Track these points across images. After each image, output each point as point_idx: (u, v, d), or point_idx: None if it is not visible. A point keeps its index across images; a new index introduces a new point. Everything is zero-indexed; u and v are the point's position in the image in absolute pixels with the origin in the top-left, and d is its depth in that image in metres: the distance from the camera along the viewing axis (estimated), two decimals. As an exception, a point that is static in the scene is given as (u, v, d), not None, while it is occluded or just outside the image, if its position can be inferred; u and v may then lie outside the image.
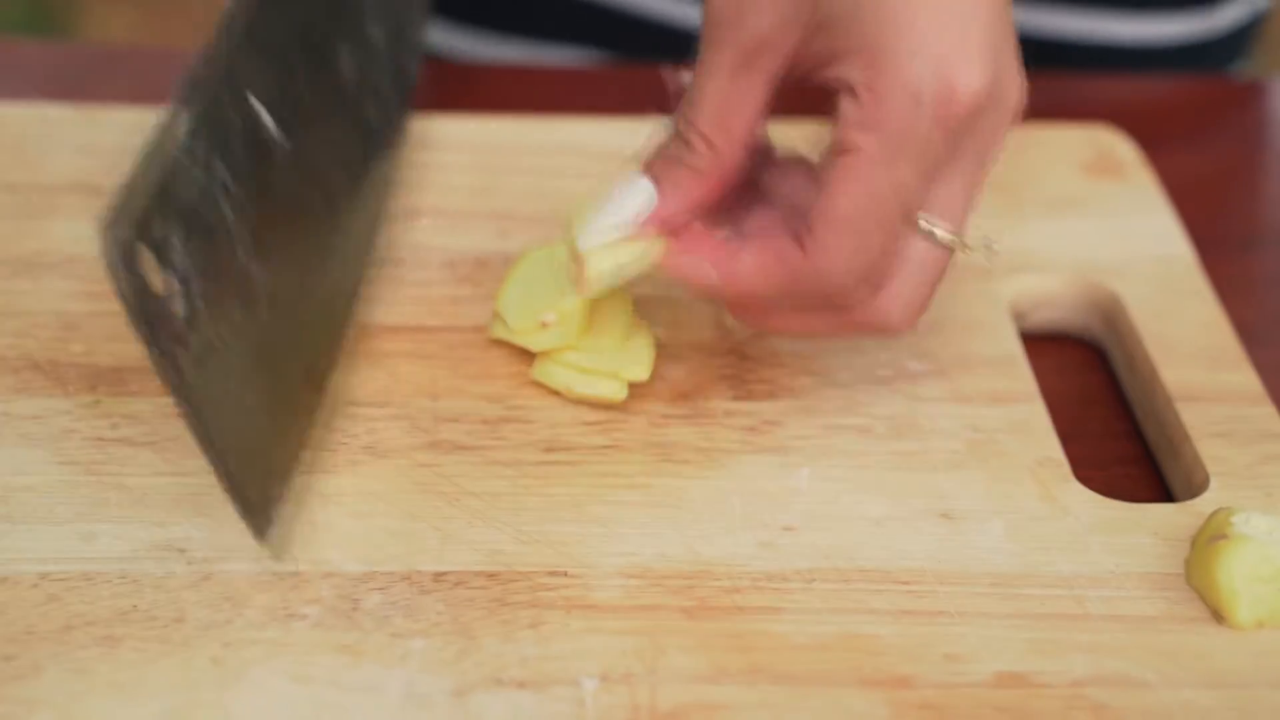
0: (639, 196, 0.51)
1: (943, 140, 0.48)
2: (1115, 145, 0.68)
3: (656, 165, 0.52)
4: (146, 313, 0.42)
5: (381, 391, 0.54)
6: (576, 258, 0.52)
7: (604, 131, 0.66)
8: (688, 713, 0.45)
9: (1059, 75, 0.77)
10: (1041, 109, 0.73)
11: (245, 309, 0.47)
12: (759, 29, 0.49)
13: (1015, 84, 0.50)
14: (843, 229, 0.48)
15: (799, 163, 0.53)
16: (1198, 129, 0.75)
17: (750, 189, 0.53)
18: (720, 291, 0.51)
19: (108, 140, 0.65)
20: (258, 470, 0.47)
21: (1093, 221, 0.64)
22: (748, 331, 0.56)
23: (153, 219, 0.43)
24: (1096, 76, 0.77)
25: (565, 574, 0.49)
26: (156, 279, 0.42)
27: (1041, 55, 0.79)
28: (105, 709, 0.44)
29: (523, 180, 0.64)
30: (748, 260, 0.50)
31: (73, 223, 0.61)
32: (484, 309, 0.58)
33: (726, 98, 0.50)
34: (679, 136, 0.51)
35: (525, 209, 0.63)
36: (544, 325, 0.54)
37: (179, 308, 0.43)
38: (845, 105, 0.48)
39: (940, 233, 0.50)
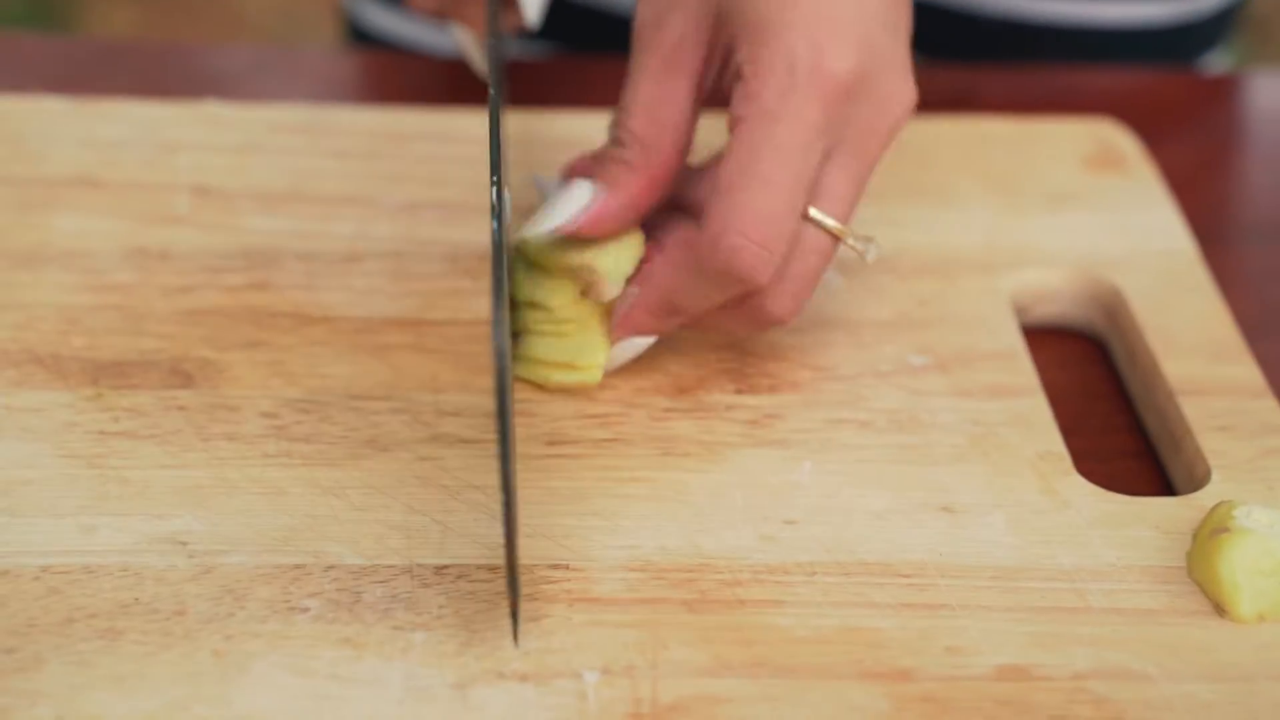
0: (580, 198, 0.53)
1: (819, 114, 0.51)
2: (1117, 139, 0.68)
3: (593, 166, 0.54)
4: (505, 401, 0.43)
5: (383, 385, 0.54)
6: (586, 269, 0.53)
7: (600, 124, 0.66)
8: (689, 705, 0.45)
9: (1053, 67, 0.77)
10: (1034, 101, 0.73)
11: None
12: (674, 29, 0.53)
13: (898, 84, 0.52)
14: (726, 190, 0.51)
15: (711, 167, 0.56)
16: (1197, 122, 0.75)
17: (672, 204, 0.55)
18: (647, 300, 0.53)
19: (108, 134, 0.65)
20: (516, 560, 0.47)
21: (1094, 215, 0.64)
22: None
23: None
24: (1091, 69, 0.77)
25: (567, 567, 0.49)
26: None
27: (1025, 40, 0.79)
28: (107, 701, 0.44)
29: (520, 174, 0.64)
30: (659, 260, 0.53)
31: (73, 216, 0.61)
32: (485, 302, 0.58)
33: (655, 96, 0.53)
34: (613, 139, 0.54)
35: (524, 201, 0.63)
36: (565, 319, 0.54)
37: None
38: (735, 88, 0.52)
39: (825, 219, 0.52)
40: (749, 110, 0.51)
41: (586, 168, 0.54)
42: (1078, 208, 0.65)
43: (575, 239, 0.53)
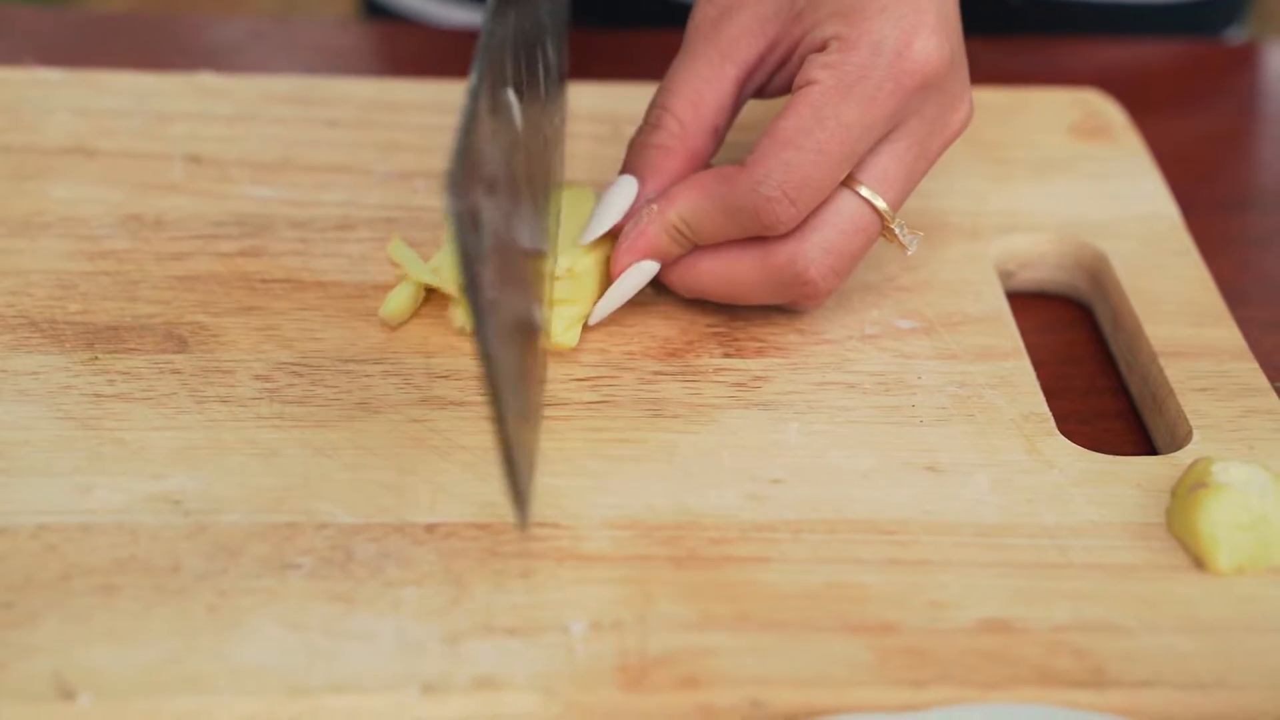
0: (625, 192, 0.55)
1: (891, 95, 0.52)
2: (1103, 108, 0.69)
3: (631, 157, 0.55)
4: (474, 275, 0.43)
5: (375, 348, 0.55)
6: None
7: (596, 96, 0.67)
8: (676, 658, 0.46)
9: (1048, 39, 0.77)
10: (1030, 73, 0.74)
11: (509, 281, 0.48)
12: (739, 24, 0.54)
13: (963, 92, 0.54)
14: (782, 144, 0.52)
15: None
16: (1185, 93, 0.75)
17: None
18: (664, 215, 0.54)
19: (103, 104, 0.65)
20: (523, 450, 0.47)
21: (1080, 183, 0.65)
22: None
23: (476, 188, 0.44)
24: (1086, 41, 0.78)
25: (556, 525, 0.49)
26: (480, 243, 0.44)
27: (1040, 15, 0.79)
28: (102, 655, 0.45)
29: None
30: (685, 183, 0.54)
31: (69, 184, 0.61)
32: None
33: (703, 78, 0.54)
34: (649, 124, 0.55)
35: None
36: (556, 279, 0.55)
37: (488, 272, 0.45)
38: (814, 55, 0.53)
39: (876, 200, 0.53)
40: (824, 76, 0.52)
41: (625, 162, 0.55)
42: (1064, 175, 0.65)
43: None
